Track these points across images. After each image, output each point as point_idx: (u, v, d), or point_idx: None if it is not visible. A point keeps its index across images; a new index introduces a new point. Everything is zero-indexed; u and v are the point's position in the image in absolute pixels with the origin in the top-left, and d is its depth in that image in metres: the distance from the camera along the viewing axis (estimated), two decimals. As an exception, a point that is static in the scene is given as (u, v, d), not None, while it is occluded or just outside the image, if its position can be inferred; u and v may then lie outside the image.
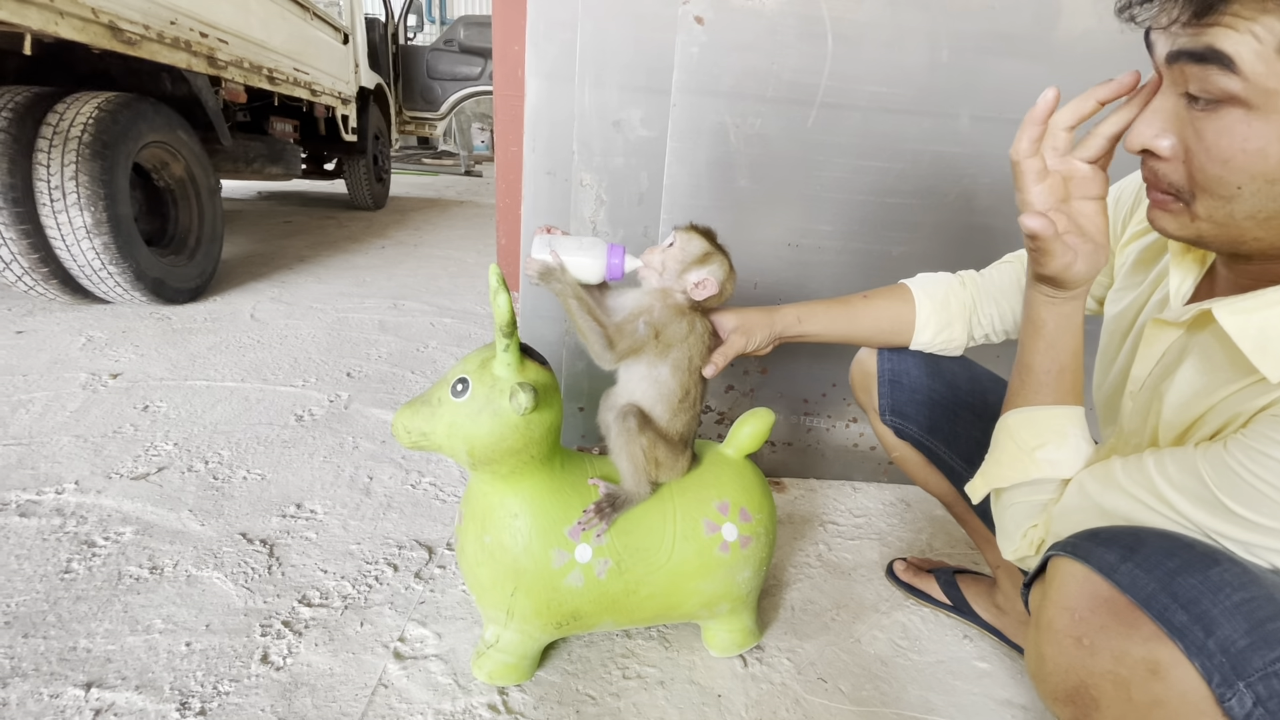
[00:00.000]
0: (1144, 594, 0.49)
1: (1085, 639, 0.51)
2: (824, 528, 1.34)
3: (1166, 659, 0.47)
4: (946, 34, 1.19)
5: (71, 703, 0.81)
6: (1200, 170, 0.50)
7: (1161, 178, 0.54)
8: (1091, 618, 0.51)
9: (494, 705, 0.86)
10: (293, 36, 3.48)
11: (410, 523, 1.23)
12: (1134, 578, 0.49)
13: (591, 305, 0.80)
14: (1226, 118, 0.47)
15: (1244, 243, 0.53)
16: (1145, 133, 0.53)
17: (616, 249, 0.81)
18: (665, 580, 0.85)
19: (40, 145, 1.97)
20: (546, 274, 0.79)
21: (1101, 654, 0.50)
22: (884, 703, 0.92)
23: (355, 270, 3.21)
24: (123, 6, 2.08)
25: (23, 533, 1.10)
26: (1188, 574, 0.48)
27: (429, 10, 12.57)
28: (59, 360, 1.82)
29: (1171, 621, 0.47)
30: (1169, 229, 0.56)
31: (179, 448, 1.42)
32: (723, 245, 0.85)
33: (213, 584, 1.03)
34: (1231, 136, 0.47)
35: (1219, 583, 0.47)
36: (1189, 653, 0.46)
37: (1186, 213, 0.53)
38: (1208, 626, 0.46)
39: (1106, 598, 0.50)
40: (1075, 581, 0.53)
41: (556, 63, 1.19)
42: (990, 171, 1.28)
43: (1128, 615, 0.49)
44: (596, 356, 0.81)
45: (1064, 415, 0.68)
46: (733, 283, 0.85)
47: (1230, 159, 0.48)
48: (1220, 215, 0.51)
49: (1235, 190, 0.49)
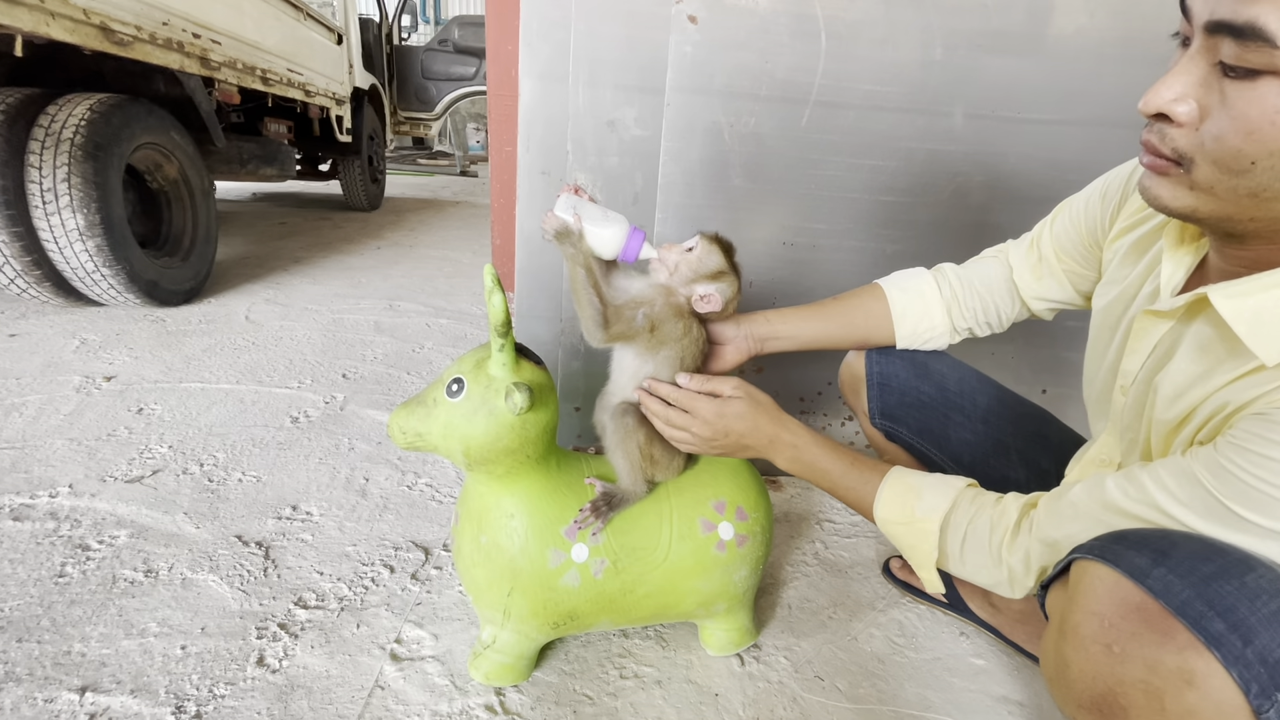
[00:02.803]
0: (1178, 601, 0.47)
1: (1115, 646, 0.49)
2: (820, 526, 1.34)
3: (1202, 669, 0.45)
4: (940, 31, 1.19)
5: (66, 707, 0.81)
6: (1217, 140, 0.48)
7: (1167, 142, 0.51)
8: (1122, 624, 0.49)
9: (491, 706, 0.85)
10: (286, 37, 3.46)
11: (406, 524, 1.23)
12: (1167, 583, 0.48)
13: (598, 279, 0.79)
14: (1261, 87, 0.45)
15: (1238, 221, 0.52)
16: (1165, 95, 0.50)
17: (638, 233, 0.80)
18: (662, 579, 0.85)
19: (32, 147, 1.95)
20: (563, 234, 0.78)
21: (1133, 662, 0.48)
22: (881, 700, 0.92)
23: (351, 271, 3.20)
24: (114, 8, 2.07)
25: (16, 537, 1.10)
26: (1223, 580, 0.47)
27: (423, 10, 12.54)
28: (52, 363, 1.81)
29: (1208, 630, 0.45)
30: (1162, 197, 0.54)
31: (174, 450, 1.42)
32: (738, 264, 0.85)
33: (208, 587, 1.03)
34: (1263, 107, 0.45)
35: (1256, 589, 0.46)
36: (1226, 662, 0.45)
37: (1185, 181, 0.52)
38: (1245, 635, 0.45)
39: (1138, 604, 0.49)
40: (1104, 586, 0.51)
41: (550, 62, 1.19)
42: (984, 169, 1.29)
43: (1161, 623, 0.47)
44: (587, 332, 0.80)
45: (892, 483, 0.78)
46: (735, 304, 0.86)
47: (1256, 130, 0.46)
48: (1223, 188, 0.50)
49: (1249, 165, 0.47)
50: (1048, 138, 1.27)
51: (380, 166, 5.50)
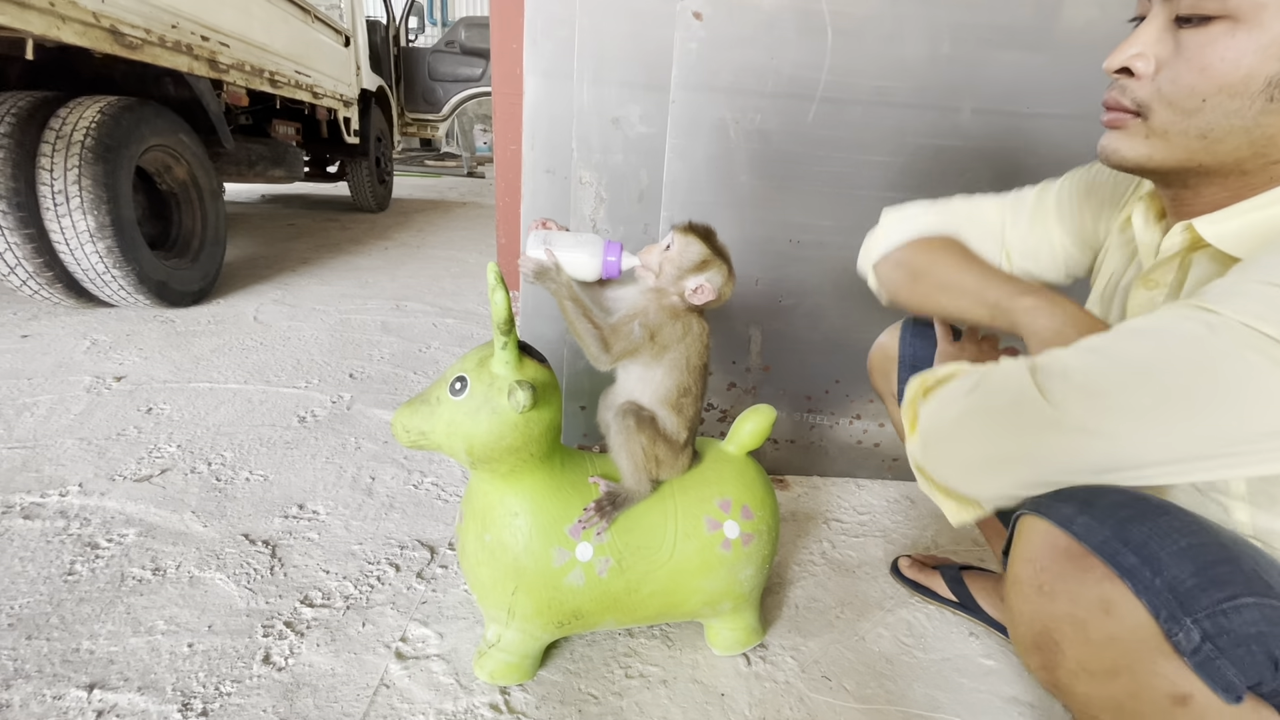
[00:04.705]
0: (1097, 540, 0.51)
1: (1045, 586, 0.54)
2: (828, 525, 1.33)
3: (1117, 597, 0.50)
4: (947, 26, 1.18)
5: (74, 704, 0.81)
6: (1172, 81, 0.54)
7: (1128, 94, 0.57)
8: (1051, 566, 0.54)
9: (496, 705, 0.85)
10: (294, 39, 3.48)
11: (412, 523, 1.23)
12: (1088, 527, 0.52)
13: (587, 306, 0.79)
14: (1213, 30, 0.51)
15: (1188, 170, 0.57)
16: (1128, 52, 0.56)
17: (613, 246, 0.80)
18: (667, 578, 0.84)
19: (43, 150, 1.97)
20: (541, 273, 0.78)
21: (1060, 598, 0.53)
22: (889, 701, 0.91)
23: (358, 272, 3.21)
24: (124, 11, 2.08)
25: (27, 535, 1.11)
26: (1138, 522, 0.51)
27: (430, 12, 12.60)
28: (63, 363, 1.83)
29: (1121, 563, 0.50)
30: (1120, 149, 0.59)
31: (182, 450, 1.42)
32: (722, 246, 0.83)
33: (215, 585, 1.03)
34: (1214, 46, 0.51)
35: (1167, 529, 0.50)
36: (1137, 590, 0.49)
37: (1141, 130, 0.57)
38: (1155, 568, 0.49)
39: (1064, 547, 0.53)
40: (1037, 535, 0.55)
41: (555, 60, 1.19)
42: (992, 164, 1.27)
43: (1082, 560, 0.52)
44: (593, 358, 0.81)
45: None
46: (731, 286, 0.84)
47: (1207, 66, 0.52)
48: (1175, 130, 0.55)
49: (1199, 103, 0.53)
50: (1056, 133, 1.25)
51: (387, 168, 5.52)
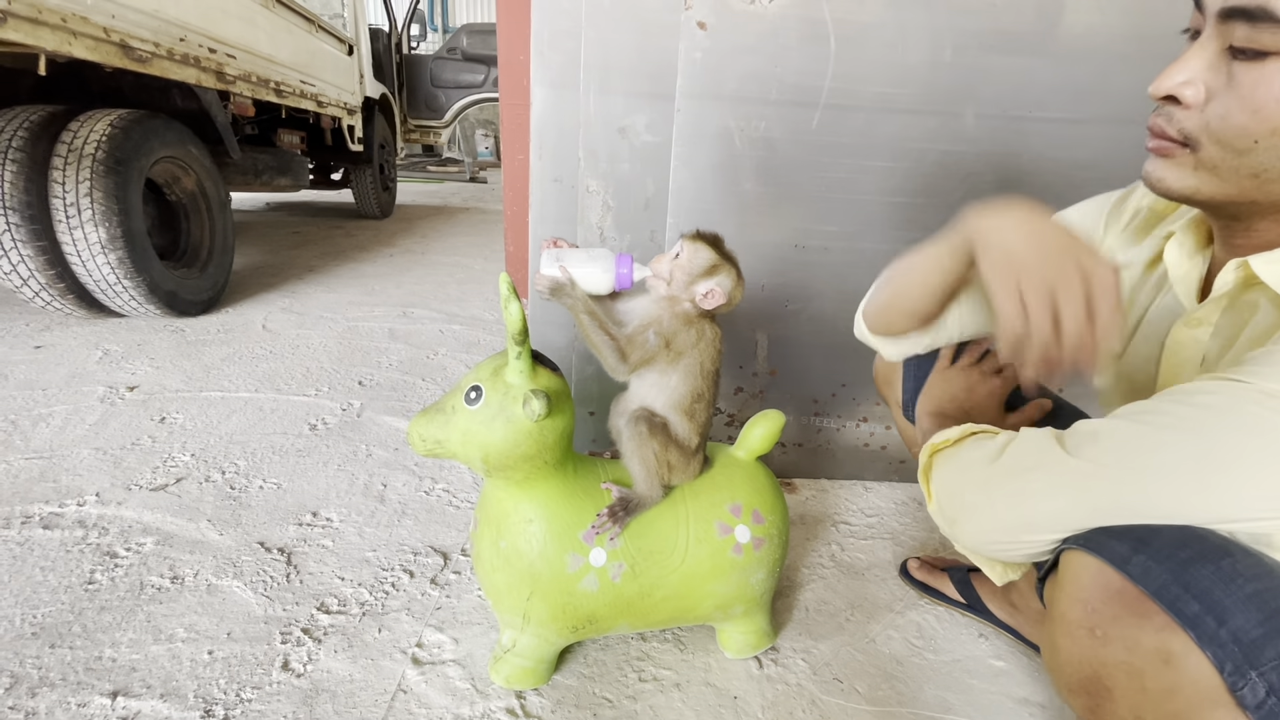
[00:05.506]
0: (1156, 585, 0.49)
1: (1098, 630, 0.52)
2: (836, 528, 1.34)
3: (1179, 648, 0.47)
4: (949, 32, 1.19)
5: (99, 711, 0.82)
6: (1223, 118, 0.51)
7: (1174, 124, 0.54)
8: (1104, 609, 0.51)
9: (512, 709, 0.86)
10: (299, 49, 3.51)
11: (425, 529, 1.24)
12: (1146, 569, 0.49)
13: (603, 319, 0.81)
14: (1268, 67, 0.48)
15: (1239, 203, 0.54)
16: (1175, 78, 0.53)
17: (625, 259, 0.81)
18: (679, 583, 0.86)
19: (55, 163, 2.00)
20: (557, 289, 0.80)
21: (1114, 644, 0.51)
22: (900, 702, 0.92)
23: (364, 279, 3.23)
24: (134, 25, 2.11)
25: (46, 545, 1.12)
26: (1200, 565, 0.48)
27: (431, 19, 12.66)
28: (77, 374, 1.85)
29: (1183, 612, 0.47)
30: (1166, 179, 0.57)
31: (196, 458, 1.44)
32: (730, 252, 0.85)
33: (233, 593, 1.04)
34: (1270, 86, 0.48)
35: (1232, 573, 0.47)
36: (1201, 642, 0.46)
37: (1190, 162, 0.54)
38: (1220, 616, 0.46)
39: (1119, 589, 0.51)
40: (1088, 574, 0.53)
41: (561, 71, 1.21)
42: (995, 169, 1.28)
43: (1139, 606, 0.49)
44: (610, 369, 0.82)
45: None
46: (741, 289, 0.86)
47: (1261, 108, 0.49)
48: (1226, 168, 0.52)
49: (1252, 144, 0.50)
50: (1060, 137, 1.26)
51: (391, 174, 5.55)
